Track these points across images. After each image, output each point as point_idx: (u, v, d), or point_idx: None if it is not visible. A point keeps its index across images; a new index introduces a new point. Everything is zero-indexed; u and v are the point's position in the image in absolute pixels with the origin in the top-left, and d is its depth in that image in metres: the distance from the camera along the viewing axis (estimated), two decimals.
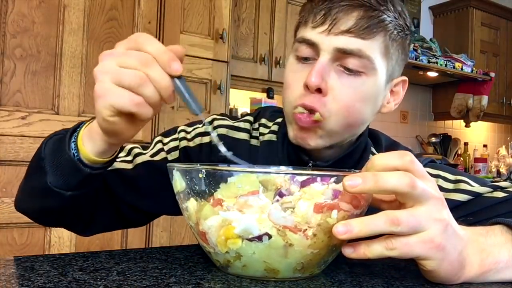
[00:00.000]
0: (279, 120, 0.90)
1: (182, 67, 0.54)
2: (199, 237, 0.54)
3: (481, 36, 3.92)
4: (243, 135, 0.88)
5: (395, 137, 0.96)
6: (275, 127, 0.88)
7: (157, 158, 0.84)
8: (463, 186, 0.79)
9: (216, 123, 0.89)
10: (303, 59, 0.75)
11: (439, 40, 3.89)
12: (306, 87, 0.72)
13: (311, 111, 0.73)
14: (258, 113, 0.94)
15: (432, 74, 3.63)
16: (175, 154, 0.86)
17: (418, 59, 3.40)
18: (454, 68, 3.59)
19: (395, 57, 0.77)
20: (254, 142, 0.87)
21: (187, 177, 0.53)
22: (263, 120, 0.91)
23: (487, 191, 0.78)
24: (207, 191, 0.52)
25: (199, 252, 0.64)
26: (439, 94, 4.09)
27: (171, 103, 0.55)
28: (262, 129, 0.89)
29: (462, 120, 4.04)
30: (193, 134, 0.87)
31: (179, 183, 0.54)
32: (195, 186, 0.52)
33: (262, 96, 2.76)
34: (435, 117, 4.17)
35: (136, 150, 0.85)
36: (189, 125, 0.90)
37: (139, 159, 0.83)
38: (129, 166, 0.82)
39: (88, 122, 0.63)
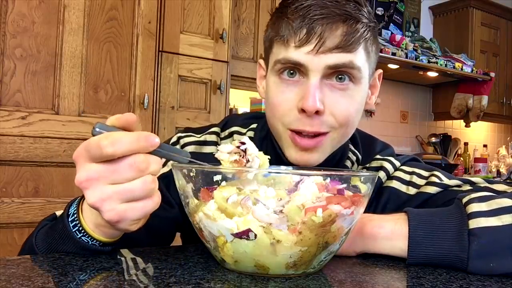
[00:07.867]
0: (254, 126, 0.89)
1: (158, 136, 0.52)
2: (198, 233, 0.56)
3: (481, 36, 3.92)
4: (210, 149, 0.85)
5: (395, 137, 0.96)
6: (250, 133, 0.87)
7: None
8: (433, 179, 0.82)
9: (182, 141, 0.87)
10: (289, 76, 0.74)
11: (439, 40, 3.89)
12: (302, 110, 0.72)
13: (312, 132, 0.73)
14: (226, 122, 0.92)
15: (432, 74, 3.63)
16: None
17: (418, 59, 3.39)
18: (454, 68, 3.59)
19: (373, 56, 0.78)
20: None
21: (188, 175, 0.55)
22: (236, 128, 0.89)
23: (455, 184, 0.80)
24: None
25: (199, 252, 0.64)
26: (439, 94, 4.09)
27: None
28: (237, 137, 0.86)
29: (462, 120, 4.04)
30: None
31: (180, 181, 0.56)
32: (195, 184, 0.54)
33: None
34: (435, 117, 4.17)
35: None
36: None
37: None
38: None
39: (80, 218, 0.58)
